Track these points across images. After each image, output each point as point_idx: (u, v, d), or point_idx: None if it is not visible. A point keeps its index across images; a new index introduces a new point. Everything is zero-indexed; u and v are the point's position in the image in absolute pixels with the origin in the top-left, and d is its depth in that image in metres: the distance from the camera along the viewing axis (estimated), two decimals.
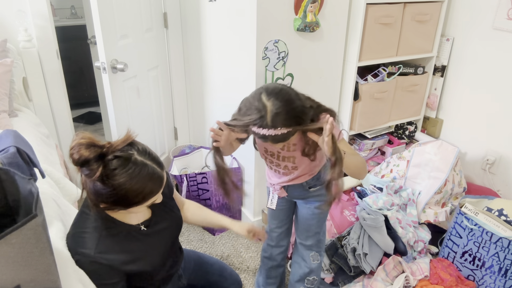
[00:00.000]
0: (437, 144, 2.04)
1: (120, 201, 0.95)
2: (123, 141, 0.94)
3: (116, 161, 0.90)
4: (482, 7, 2.03)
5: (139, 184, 0.93)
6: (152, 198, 0.99)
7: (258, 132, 1.06)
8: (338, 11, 1.86)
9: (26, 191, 0.83)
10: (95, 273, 0.99)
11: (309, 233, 1.48)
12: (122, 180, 0.91)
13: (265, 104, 1.04)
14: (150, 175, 0.95)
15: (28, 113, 2.07)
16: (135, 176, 0.92)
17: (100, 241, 1.00)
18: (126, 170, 0.91)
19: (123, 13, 1.92)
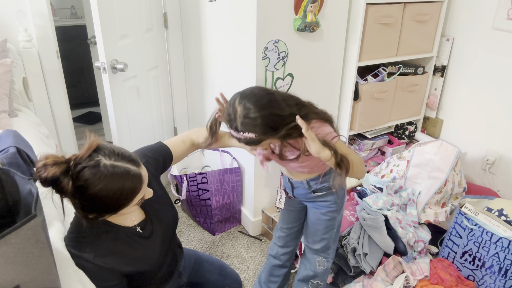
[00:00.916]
0: (437, 144, 2.04)
1: (104, 209, 0.93)
2: (87, 149, 0.92)
3: (85, 172, 0.88)
4: (482, 7, 2.03)
5: (115, 187, 0.91)
6: (137, 196, 0.97)
7: (231, 133, 1.09)
8: (338, 11, 1.85)
9: (26, 191, 0.83)
10: (95, 275, 1.00)
11: (316, 238, 1.46)
12: (97, 188, 0.88)
13: (236, 109, 1.05)
14: (124, 176, 0.92)
15: (28, 113, 2.07)
16: (109, 180, 0.89)
17: (98, 245, 1.00)
18: (98, 178, 0.88)
19: (123, 13, 1.92)
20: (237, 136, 1.07)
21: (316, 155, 1.10)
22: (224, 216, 2.19)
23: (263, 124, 1.03)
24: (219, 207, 2.15)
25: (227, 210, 2.19)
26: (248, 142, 1.07)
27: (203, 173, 2.08)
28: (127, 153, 0.97)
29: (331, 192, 1.38)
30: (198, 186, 2.11)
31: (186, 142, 1.33)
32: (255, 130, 1.04)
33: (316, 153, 1.09)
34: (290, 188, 1.44)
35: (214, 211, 2.14)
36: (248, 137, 1.05)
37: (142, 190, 0.98)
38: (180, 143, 1.32)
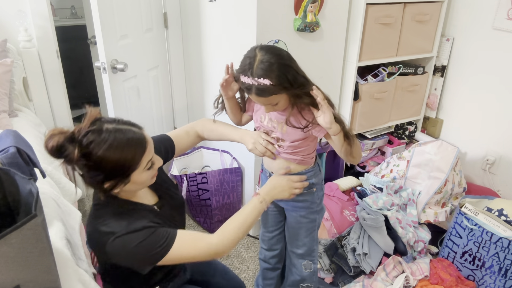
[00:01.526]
0: (437, 144, 2.04)
1: (115, 172, 0.95)
2: (88, 119, 0.95)
3: (89, 136, 0.91)
4: (482, 7, 2.03)
5: (120, 147, 0.93)
6: (144, 157, 0.98)
7: (244, 82, 1.09)
8: (338, 11, 1.86)
9: (26, 191, 0.83)
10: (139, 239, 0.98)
11: (298, 242, 1.43)
12: (103, 149, 0.91)
13: (256, 54, 1.09)
14: (127, 136, 0.95)
15: (28, 113, 2.07)
16: (113, 141, 0.92)
17: (125, 219, 1.01)
18: (102, 139, 0.91)
19: (123, 13, 1.92)
20: (251, 82, 1.07)
21: (328, 125, 1.11)
22: (224, 216, 2.19)
23: (280, 72, 1.06)
24: (219, 207, 2.15)
25: (227, 210, 2.19)
26: (261, 90, 1.07)
27: (203, 173, 2.08)
28: (127, 120, 1.01)
29: (311, 191, 1.35)
30: (198, 186, 2.11)
31: (191, 134, 1.34)
32: (271, 76, 1.06)
33: (329, 123, 1.11)
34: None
35: (214, 211, 2.14)
36: (262, 83, 1.06)
37: (148, 150, 0.99)
38: (184, 135, 1.33)
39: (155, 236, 1.00)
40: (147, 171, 1.01)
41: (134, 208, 1.06)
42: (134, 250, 0.97)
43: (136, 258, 0.98)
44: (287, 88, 1.09)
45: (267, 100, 1.12)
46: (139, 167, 0.98)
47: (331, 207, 2.01)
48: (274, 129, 1.27)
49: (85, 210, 2.36)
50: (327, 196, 2.09)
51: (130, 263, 1.00)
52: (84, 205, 2.41)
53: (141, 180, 1.01)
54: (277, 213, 1.50)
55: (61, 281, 0.85)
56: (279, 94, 1.11)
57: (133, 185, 1.01)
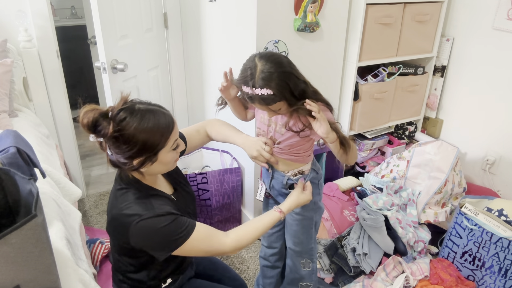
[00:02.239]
0: (437, 144, 2.04)
1: (145, 148, 0.99)
2: (121, 100, 1.02)
3: (122, 113, 0.98)
4: (482, 7, 2.03)
5: (151, 123, 0.99)
6: (171, 136, 1.03)
7: (247, 92, 1.11)
8: (338, 11, 1.86)
9: (26, 191, 0.83)
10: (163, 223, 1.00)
11: (296, 239, 1.44)
12: (135, 125, 0.97)
13: (256, 64, 1.11)
14: (158, 114, 1.02)
15: (28, 113, 2.07)
16: (144, 118, 0.99)
17: (148, 204, 1.04)
18: (135, 115, 0.98)
19: (123, 13, 1.92)
20: (253, 93, 1.10)
21: (324, 135, 1.13)
22: (224, 216, 2.19)
23: (281, 80, 1.09)
24: (219, 207, 2.15)
25: (227, 210, 2.19)
26: (264, 99, 1.10)
27: (203, 173, 2.08)
28: (156, 103, 1.07)
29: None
30: (198, 186, 2.11)
31: (201, 132, 1.36)
32: (273, 86, 1.08)
33: (325, 133, 1.13)
34: (269, 178, 1.39)
35: (214, 211, 2.14)
36: (265, 93, 1.08)
37: (175, 132, 1.04)
38: (194, 133, 1.35)
39: (177, 223, 1.03)
40: (172, 151, 1.06)
41: (156, 194, 1.10)
42: (157, 233, 1.00)
43: (156, 241, 1.01)
44: (287, 96, 1.11)
45: (270, 108, 1.15)
46: (166, 146, 1.03)
47: (331, 207, 2.01)
48: (270, 127, 1.28)
49: (85, 210, 2.36)
50: (327, 196, 2.09)
51: (149, 246, 1.03)
52: (84, 205, 2.41)
53: (167, 160, 1.06)
54: None
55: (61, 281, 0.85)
56: (282, 101, 1.13)
57: (159, 165, 1.05)
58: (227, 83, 1.25)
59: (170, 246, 1.02)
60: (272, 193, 1.44)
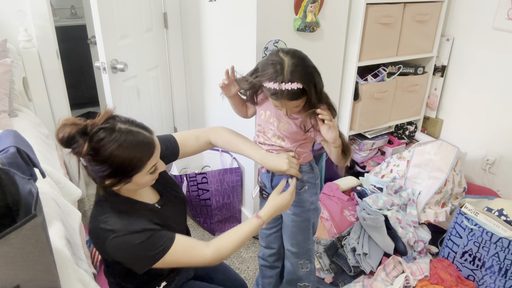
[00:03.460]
0: (437, 144, 2.04)
1: (119, 171, 0.96)
2: (103, 116, 0.97)
3: (101, 133, 0.93)
4: (482, 7, 2.03)
5: (129, 148, 0.95)
6: (149, 162, 1.00)
7: (273, 88, 1.10)
8: (338, 11, 1.85)
9: (26, 191, 0.83)
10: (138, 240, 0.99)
11: (293, 240, 1.44)
12: (112, 148, 0.93)
13: (283, 59, 1.11)
14: (137, 139, 0.97)
15: (28, 113, 2.07)
16: (123, 141, 0.94)
17: (125, 218, 1.02)
18: (113, 138, 0.93)
19: (123, 13, 1.92)
20: (281, 88, 1.09)
21: (331, 140, 1.14)
22: (224, 216, 2.19)
23: (308, 74, 1.12)
24: (219, 207, 2.15)
25: (227, 210, 2.19)
26: (293, 94, 1.10)
27: (203, 173, 2.08)
28: (140, 122, 1.03)
29: (303, 190, 1.37)
30: (198, 186, 2.11)
31: (201, 139, 1.32)
32: (302, 80, 1.09)
33: (333, 139, 1.14)
34: (270, 178, 1.38)
35: (214, 211, 2.14)
36: (294, 87, 1.09)
37: (155, 156, 1.01)
38: (193, 138, 1.31)
39: (154, 239, 1.01)
40: (149, 174, 1.03)
41: (134, 207, 1.07)
42: (132, 250, 0.98)
43: (133, 258, 1.00)
44: (312, 91, 1.13)
45: (297, 103, 1.15)
46: (142, 170, 0.99)
47: (331, 207, 2.01)
48: (271, 125, 1.28)
49: (85, 210, 2.36)
50: (327, 196, 2.09)
51: (126, 262, 1.01)
52: (84, 205, 2.41)
53: (142, 182, 1.03)
54: None
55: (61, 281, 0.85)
56: (305, 97, 1.14)
57: (133, 185, 1.03)
58: (228, 80, 1.25)
59: (148, 262, 1.01)
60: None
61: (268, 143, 1.31)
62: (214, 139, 1.33)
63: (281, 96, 1.11)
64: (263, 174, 1.42)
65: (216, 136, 1.33)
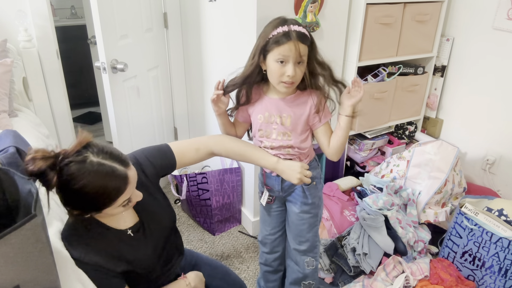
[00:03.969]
0: (437, 144, 2.04)
1: (87, 206, 0.94)
2: (77, 145, 0.92)
3: (70, 166, 0.88)
4: (482, 7, 2.03)
5: (98, 184, 0.90)
6: (121, 197, 0.95)
7: (284, 30, 1.14)
8: (338, 11, 1.85)
9: (25, 191, 0.83)
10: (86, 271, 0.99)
11: (301, 238, 1.44)
12: (81, 184, 0.88)
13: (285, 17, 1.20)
14: (109, 174, 0.91)
15: (28, 113, 2.07)
16: (93, 177, 0.89)
17: (89, 244, 1.00)
18: (83, 173, 0.89)
19: (123, 13, 1.92)
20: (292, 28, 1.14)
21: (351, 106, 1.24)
22: (224, 216, 2.19)
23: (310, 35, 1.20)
24: (219, 207, 2.15)
25: (227, 210, 2.19)
26: (302, 35, 1.15)
27: (203, 173, 2.08)
28: (116, 152, 0.96)
29: (312, 185, 1.38)
30: (198, 186, 2.11)
31: (201, 151, 1.27)
32: (305, 29, 1.18)
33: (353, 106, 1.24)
34: (279, 180, 1.38)
35: (214, 211, 2.14)
36: (301, 30, 1.16)
37: (127, 191, 0.96)
38: (192, 151, 1.26)
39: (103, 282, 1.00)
40: (122, 207, 0.99)
41: (102, 232, 1.04)
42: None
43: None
44: (314, 49, 1.21)
45: (303, 51, 1.17)
46: (113, 205, 0.95)
47: (331, 207, 2.01)
48: (274, 124, 1.28)
49: None
50: (327, 196, 2.09)
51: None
52: None
53: (112, 213, 0.99)
54: (279, 213, 1.50)
55: (61, 281, 0.85)
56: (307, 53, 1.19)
57: (108, 216, 1.01)
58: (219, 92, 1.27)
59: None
60: (283, 195, 1.43)
61: (276, 146, 1.30)
62: (217, 150, 1.29)
63: (291, 36, 1.14)
64: (272, 177, 1.40)
65: (219, 147, 1.29)
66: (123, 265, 1.05)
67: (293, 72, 1.16)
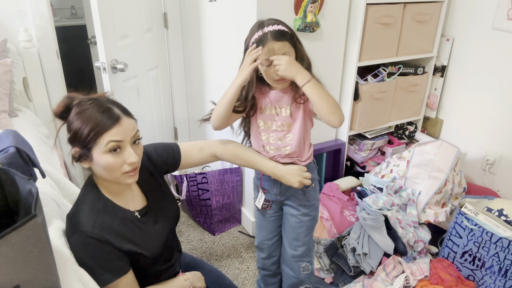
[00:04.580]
0: (437, 144, 2.04)
1: (76, 137, 0.99)
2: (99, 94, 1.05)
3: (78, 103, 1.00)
4: (482, 7, 2.03)
5: (91, 114, 0.97)
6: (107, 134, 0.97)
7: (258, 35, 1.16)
8: (338, 11, 1.86)
9: (25, 191, 0.83)
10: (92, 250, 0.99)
11: (298, 243, 1.43)
12: (76, 111, 0.98)
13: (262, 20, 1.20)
14: (104, 110, 0.98)
15: (28, 113, 2.07)
16: (90, 109, 0.98)
17: (97, 219, 1.01)
18: (84, 105, 0.99)
19: (123, 13, 1.92)
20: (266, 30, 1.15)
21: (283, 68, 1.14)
22: (224, 216, 2.19)
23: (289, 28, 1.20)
24: (219, 207, 2.15)
25: (227, 210, 2.19)
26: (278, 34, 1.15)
27: (203, 173, 2.08)
28: (123, 106, 1.05)
29: (311, 187, 1.38)
30: (198, 186, 2.11)
31: (205, 152, 1.30)
32: (283, 24, 1.18)
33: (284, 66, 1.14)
34: (279, 184, 1.38)
35: (214, 211, 2.14)
36: (276, 28, 1.15)
37: (115, 132, 0.97)
38: (196, 150, 1.29)
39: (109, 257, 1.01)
40: (108, 154, 0.98)
41: (110, 209, 1.05)
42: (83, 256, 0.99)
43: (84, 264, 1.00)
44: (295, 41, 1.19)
45: (282, 48, 1.15)
46: (97, 144, 0.97)
47: (331, 207, 2.01)
48: (277, 115, 1.28)
49: None
50: (327, 196, 2.09)
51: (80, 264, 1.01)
52: None
53: (102, 163, 0.98)
54: (276, 218, 1.49)
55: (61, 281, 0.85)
56: (291, 46, 1.17)
57: (98, 167, 1.01)
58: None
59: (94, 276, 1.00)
60: (280, 199, 1.43)
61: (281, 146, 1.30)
62: (220, 153, 1.32)
63: (266, 38, 1.14)
64: (270, 181, 1.39)
65: (222, 150, 1.31)
66: (130, 245, 1.06)
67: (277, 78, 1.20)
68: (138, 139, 1.04)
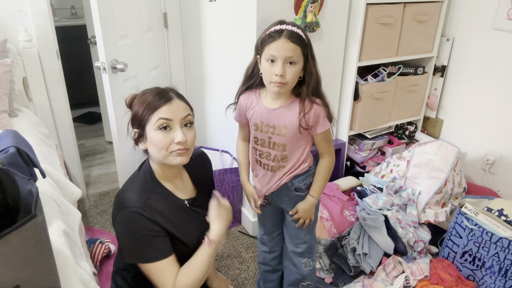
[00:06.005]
0: (437, 144, 2.04)
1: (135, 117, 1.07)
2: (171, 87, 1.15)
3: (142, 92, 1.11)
4: (482, 7, 2.03)
5: (146, 96, 1.06)
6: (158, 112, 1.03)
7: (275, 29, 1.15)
8: (338, 11, 1.85)
9: (26, 191, 0.83)
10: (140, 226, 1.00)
11: (299, 240, 1.44)
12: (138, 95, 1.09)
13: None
14: (159, 91, 1.07)
15: (28, 113, 2.07)
16: (145, 93, 1.08)
17: (147, 199, 1.04)
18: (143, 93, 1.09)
19: (123, 13, 1.92)
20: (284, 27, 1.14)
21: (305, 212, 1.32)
22: None
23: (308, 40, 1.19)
24: None
25: None
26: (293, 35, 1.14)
27: None
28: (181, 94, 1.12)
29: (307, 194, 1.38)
30: None
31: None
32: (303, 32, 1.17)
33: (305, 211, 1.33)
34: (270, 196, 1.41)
35: None
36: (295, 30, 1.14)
37: (165, 110, 1.03)
38: None
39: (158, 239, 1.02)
40: (158, 131, 1.03)
41: (162, 193, 1.09)
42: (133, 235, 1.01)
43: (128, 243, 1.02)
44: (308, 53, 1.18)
45: (292, 50, 1.14)
46: (150, 120, 1.03)
47: (331, 207, 2.01)
48: (268, 134, 1.28)
49: (85, 210, 2.36)
50: (327, 196, 2.09)
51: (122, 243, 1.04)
52: (84, 205, 2.41)
53: (153, 140, 1.04)
54: (276, 215, 1.50)
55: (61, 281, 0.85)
56: (301, 54, 1.15)
57: (151, 146, 1.05)
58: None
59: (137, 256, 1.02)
60: (277, 200, 1.43)
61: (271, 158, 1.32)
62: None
63: (280, 35, 1.13)
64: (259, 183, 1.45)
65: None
66: (173, 229, 1.08)
67: (280, 70, 1.14)
68: (190, 122, 1.09)
